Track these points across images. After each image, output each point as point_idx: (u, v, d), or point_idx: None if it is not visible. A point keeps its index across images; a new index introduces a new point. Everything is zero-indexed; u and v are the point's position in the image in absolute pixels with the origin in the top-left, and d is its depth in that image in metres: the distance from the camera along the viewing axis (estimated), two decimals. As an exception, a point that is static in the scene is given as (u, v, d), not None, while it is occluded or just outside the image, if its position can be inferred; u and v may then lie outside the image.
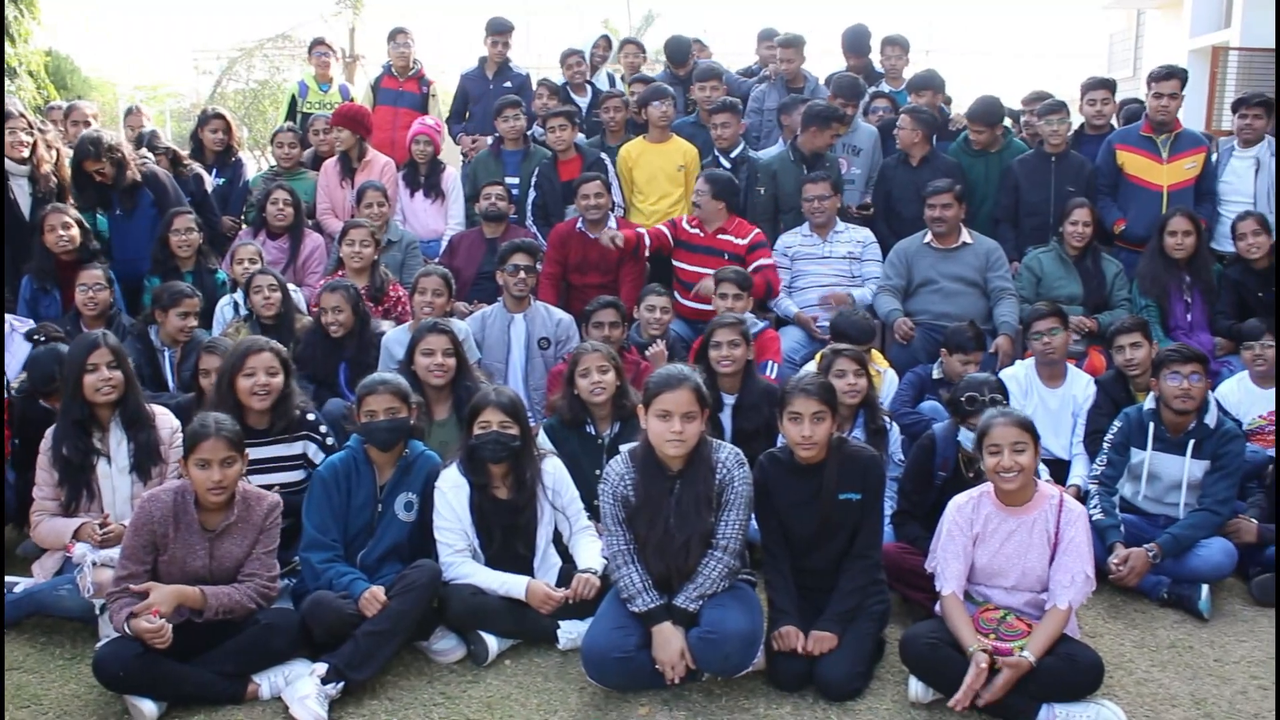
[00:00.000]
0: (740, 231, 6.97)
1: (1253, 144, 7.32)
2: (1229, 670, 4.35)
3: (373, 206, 7.34)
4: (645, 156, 7.88)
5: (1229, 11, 16.28)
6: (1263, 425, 5.97)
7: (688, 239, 7.06)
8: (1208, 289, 6.78)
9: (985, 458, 4.08)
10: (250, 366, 4.76)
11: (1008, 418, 4.10)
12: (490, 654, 4.32)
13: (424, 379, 5.26)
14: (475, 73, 9.26)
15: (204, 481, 4.02)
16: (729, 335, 5.42)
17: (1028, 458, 4.03)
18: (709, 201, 6.92)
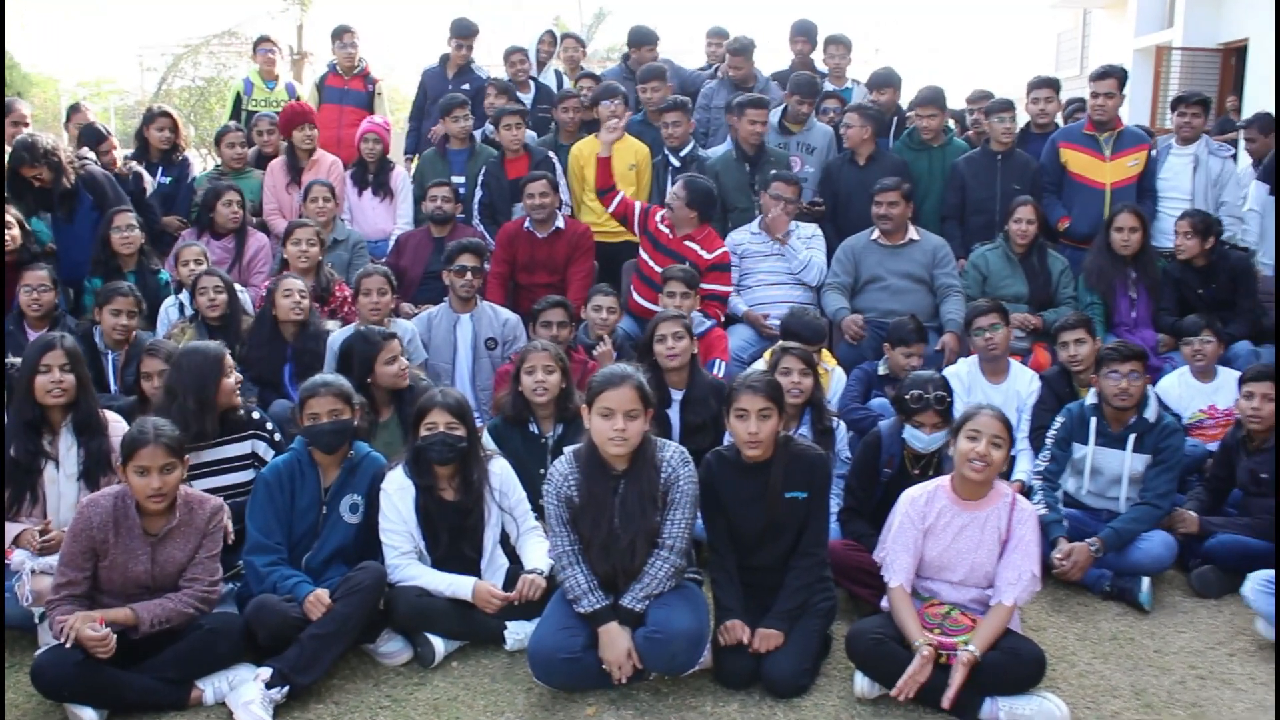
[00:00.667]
0: (708, 245, 6.89)
1: (1191, 142, 7.44)
2: (1168, 661, 4.42)
3: (318, 201, 7.30)
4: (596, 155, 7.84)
5: (1171, 12, 16.52)
6: (1203, 419, 6.08)
7: (655, 234, 7.01)
8: (1152, 285, 6.87)
9: (961, 440, 4.11)
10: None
11: (995, 412, 4.16)
12: (437, 656, 4.30)
13: (387, 385, 5.27)
14: (436, 71, 9.23)
15: (144, 489, 3.97)
16: (673, 328, 5.42)
17: (1000, 455, 4.08)
18: (682, 209, 6.87)
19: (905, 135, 8.00)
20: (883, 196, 6.90)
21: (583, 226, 7.42)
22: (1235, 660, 4.43)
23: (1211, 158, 7.40)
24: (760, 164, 7.50)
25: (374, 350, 5.27)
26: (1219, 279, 6.75)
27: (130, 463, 3.97)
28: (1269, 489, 5.13)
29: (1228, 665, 4.39)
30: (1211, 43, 15.56)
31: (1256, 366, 5.46)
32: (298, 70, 19.12)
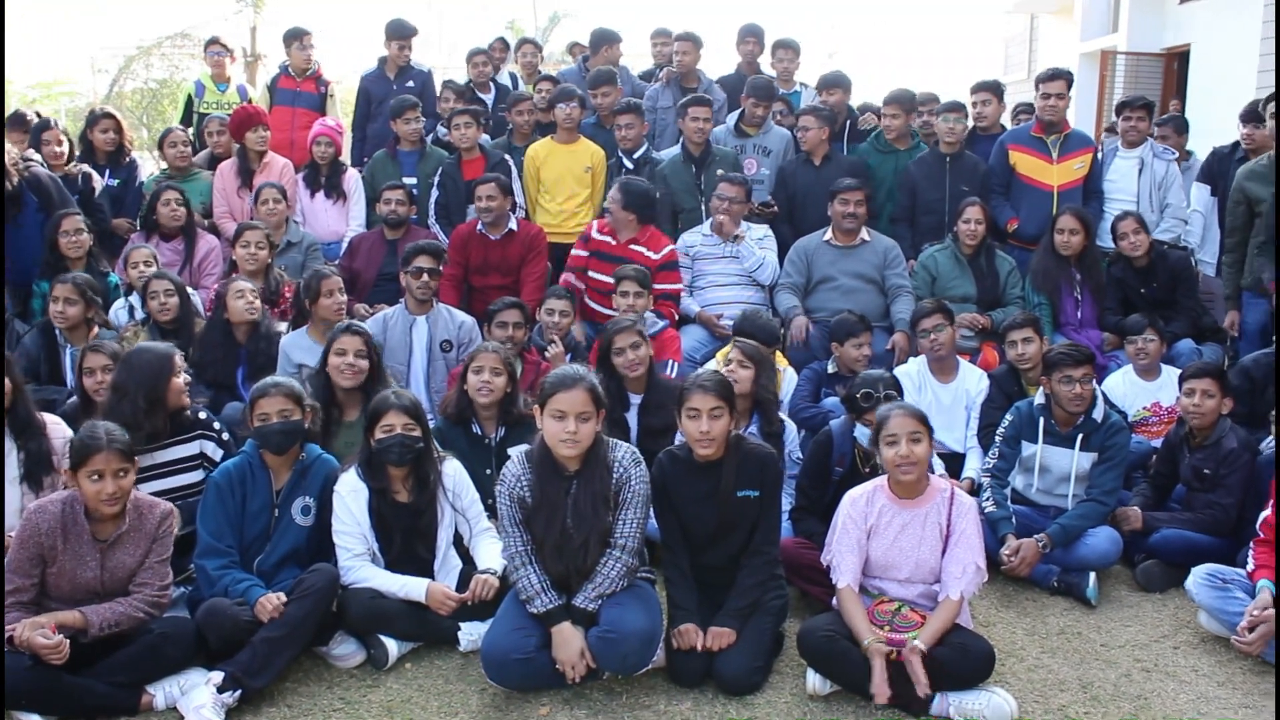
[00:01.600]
0: (654, 245, 6.94)
1: (1136, 145, 7.55)
2: (1114, 654, 4.49)
3: (269, 204, 7.27)
4: (553, 157, 7.88)
5: (1116, 17, 16.74)
6: (1147, 417, 6.19)
7: (599, 246, 7.02)
8: (1097, 286, 6.97)
9: (883, 449, 4.15)
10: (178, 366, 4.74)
11: (903, 409, 4.20)
12: (390, 657, 4.29)
13: (335, 379, 5.22)
14: (376, 74, 9.15)
15: (98, 494, 3.94)
16: (629, 339, 5.43)
17: (923, 448, 4.12)
18: (619, 212, 6.90)
19: (873, 137, 8.08)
20: (849, 195, 6.95)
21: (535, 228, 7.43)
22: (1179, 653, 4.51)
23: (1156, 160, 7.52)
24: (706, 164, 7.54)
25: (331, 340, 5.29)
26: (1160, 279, 6.87)
27: (83, 468, 3.94)
28: (1211, 484, 5.23)
29: (1172, 658, 4.47)
30: (1155, 48, 15.78)
31: (1197, 364, 5.56)
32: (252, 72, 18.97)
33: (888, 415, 4.18)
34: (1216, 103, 7.70)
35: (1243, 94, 8.33)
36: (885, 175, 7.81)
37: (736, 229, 7.11)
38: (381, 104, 8.86)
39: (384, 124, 8.62)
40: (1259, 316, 6.60)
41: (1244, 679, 4.29)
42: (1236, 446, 5.22)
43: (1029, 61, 19.99)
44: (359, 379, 5.24)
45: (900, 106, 7.88)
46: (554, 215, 7.73)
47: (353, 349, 5.23)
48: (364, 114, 9.12)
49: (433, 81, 9.18)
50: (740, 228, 7.14)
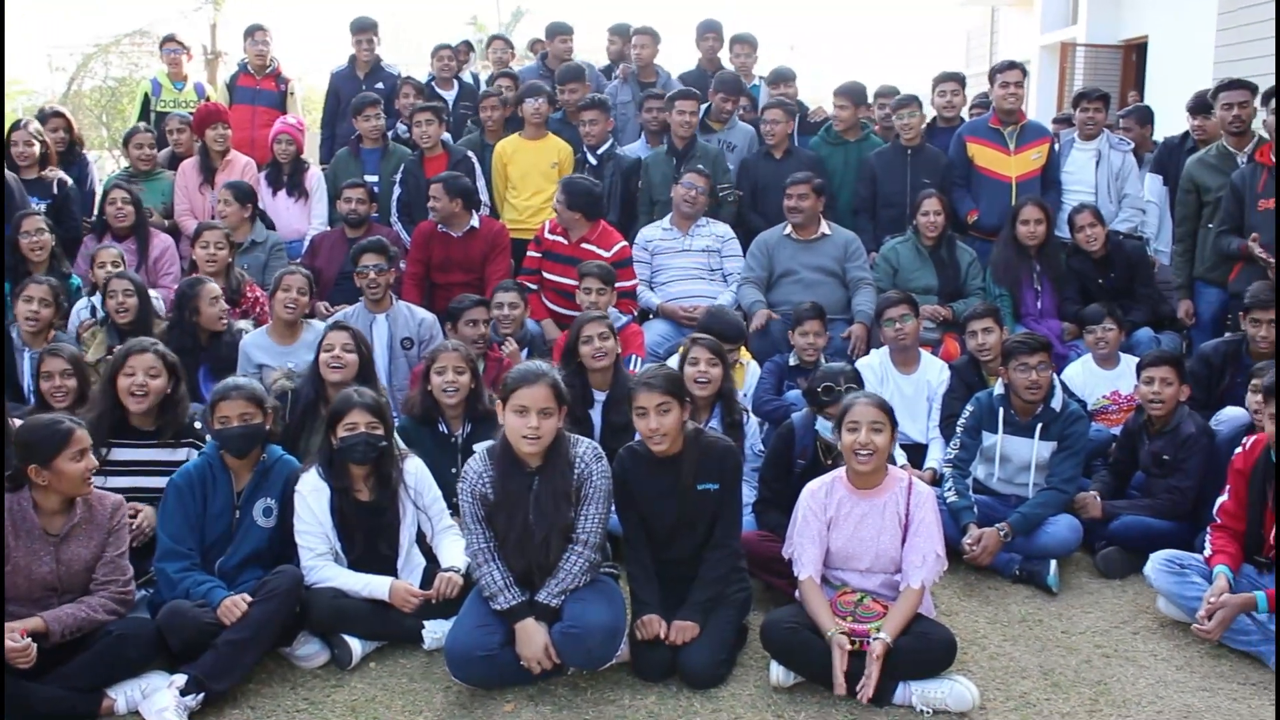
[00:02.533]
0: (604, 242, 6.95)
1: (1093, 137, 7.62)
2: (1075, 641, 4.54)
3: (220, 204, 7.26)
4: (520, 153, 7.88)
5: (1075, 9, 16.88)
6: (1107, 405, 6.24)
7: (551, 247, 7.03)
8: (1057, 277, 7.02)
9: (844, 435, 4.18)
10: (130, 366, 4.66)
11: (869, 398, 4.24)
12: (354, 657, 4.27)
13: (323, 375, 5.21)
14: (346, 72, 9.10)
15: (85, 473, 3.96)
16: (598, 329, 5.43)
17: (884, 439, 4.14)
18: (565, 212, 6.91)
19: (823, 130, 8.11)
20: (793, 190, 6.97)
21: (498, 225, 7.42)
22: (1139, 638, 4.57)
23: (1113, 152, 7.59)
24: (688, 159, 7.55)
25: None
26: (1117, 269, 6.93)
27: (65, 451, 3.91)
28: (1170, 470, 5.29)
29: (1131, 643, 4.52)
30: (1113, 39, 15.93)
31: (1154, 352, 5.63)
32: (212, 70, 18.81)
33: (853, 403, 4.21)
34: (1174, 93, 7.75)
35: (1199, 85, 8.38)
36: (835, 167, 7.84)
37: (694, 220, 7.15)
38: (349, 102, 8.81)
39: (348, 126, 8.58)
40: (1210, 305, 6.67)
41: (1201, 662, 4.35)
42: (1194, 432, 5.29)
43: (990, 53, 20.11)
44: (345, 374, 5.19)
45: (849, 99, 7.92)
46: (521, 211, 7.73)
47: (339, 344, 5.22)
48: (332, 112, 9.05)
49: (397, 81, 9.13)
50: (699, 221, 7.17)
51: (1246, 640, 4.33)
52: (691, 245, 7.18)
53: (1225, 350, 5.83)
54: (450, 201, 7.01)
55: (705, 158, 7.61)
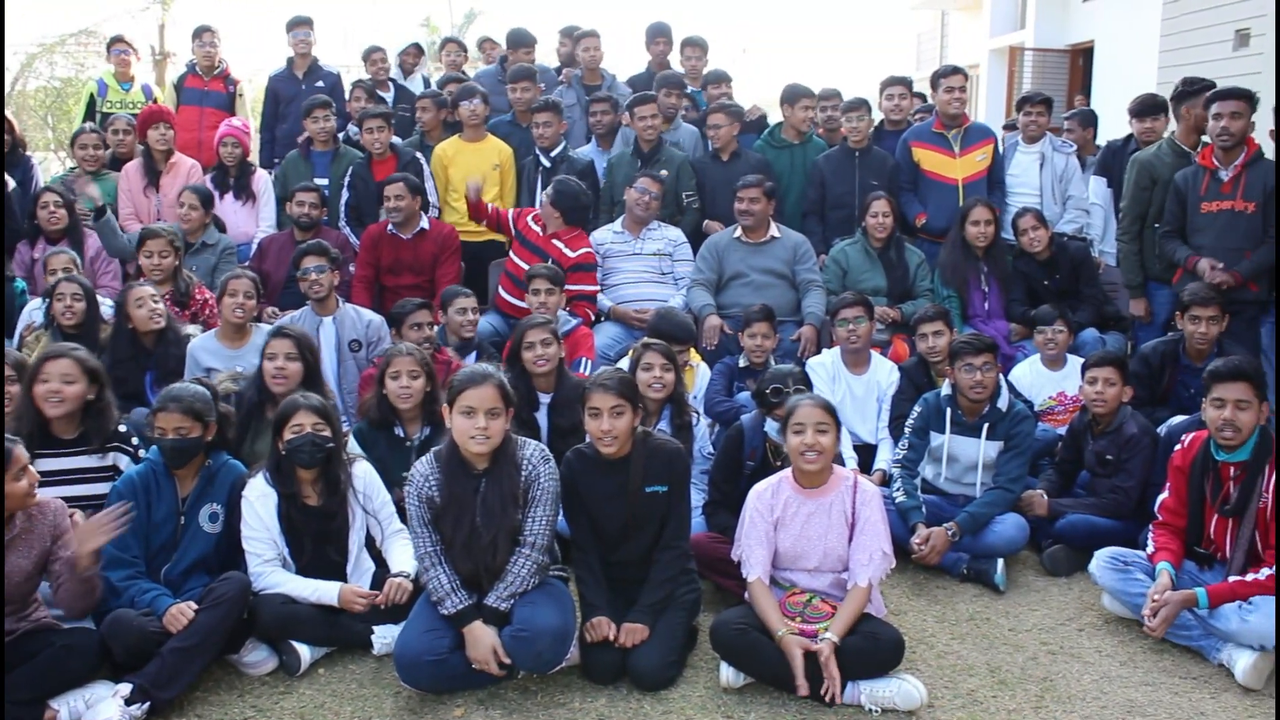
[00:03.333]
0: (573, 245, 6.99)
1: (1036, 140, 7.71)
2: (1021, 638, 4.59)
3: (184, 208, 7.17)
4: (460, 155, 7.86)
5: (1023, 14, 17.11)
6: (1053, 406, 6.32)
7: (524, 231, 7.08)
8: (1003, 278, 7.09)
9: (789, 437, 4.20)
10: (45, 373, 4.56)
11: (813, 400, 4.26)
12: (303, 663, 4.24)
13: (269, 386, 5.14)
14: (284, 73, 9.04)
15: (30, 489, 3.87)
16: (540, 335, 5.43)
17: (829, 439, 4.17)
18: (548, 208, 6.97)
19: (766, 134, 8.14)
20: (744, 193, 7.00)
21: (448, 228, 7.40)
22: (1084, 635, 4.63)
23: (1056, 154, 7.69)
24: (654, 162, 7.57)
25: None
26: (1062, 270, 7.01)
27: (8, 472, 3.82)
28: (1114, 469, 5.36)
29: (1077, 640, 4.58)
30: (1060, 44, 16.17)
31: (1098, 353, 5.71)
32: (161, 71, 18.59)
33: (797, 404, 4.24)
34: (1119, 97, 7.87)
35: (1143, 88, 8.53)
36: (781, 170, 7.87)
37: (648, 225, 7.16)
38: (290, 104, 8.75)
39: (294, 124, 8.52)
40: (1164, 306, 6.74)
41: (1145, 658, 4.41)
42: (1137, 432, 5.36)
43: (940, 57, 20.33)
44: (290, 384, 5.11)
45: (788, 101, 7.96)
46: (462, 214, 7.70)
47: (282, 353, 5.14)
48: (272, 114, 8.99)
49: (342, 83, 9.09)
50: (650, 225, 7.19)
51: (1188, 635, 4.40)
52: (643, 249, 7.20)
53: (1163, 350, 5.91)
54: (412, 199, 7.01)
55: (671, 163, 7.63)
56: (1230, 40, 10.63)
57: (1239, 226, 6.01)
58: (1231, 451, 4.46)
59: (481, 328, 6.77)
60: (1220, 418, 4.41)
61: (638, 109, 7.64)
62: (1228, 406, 4.39)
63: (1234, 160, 6.02)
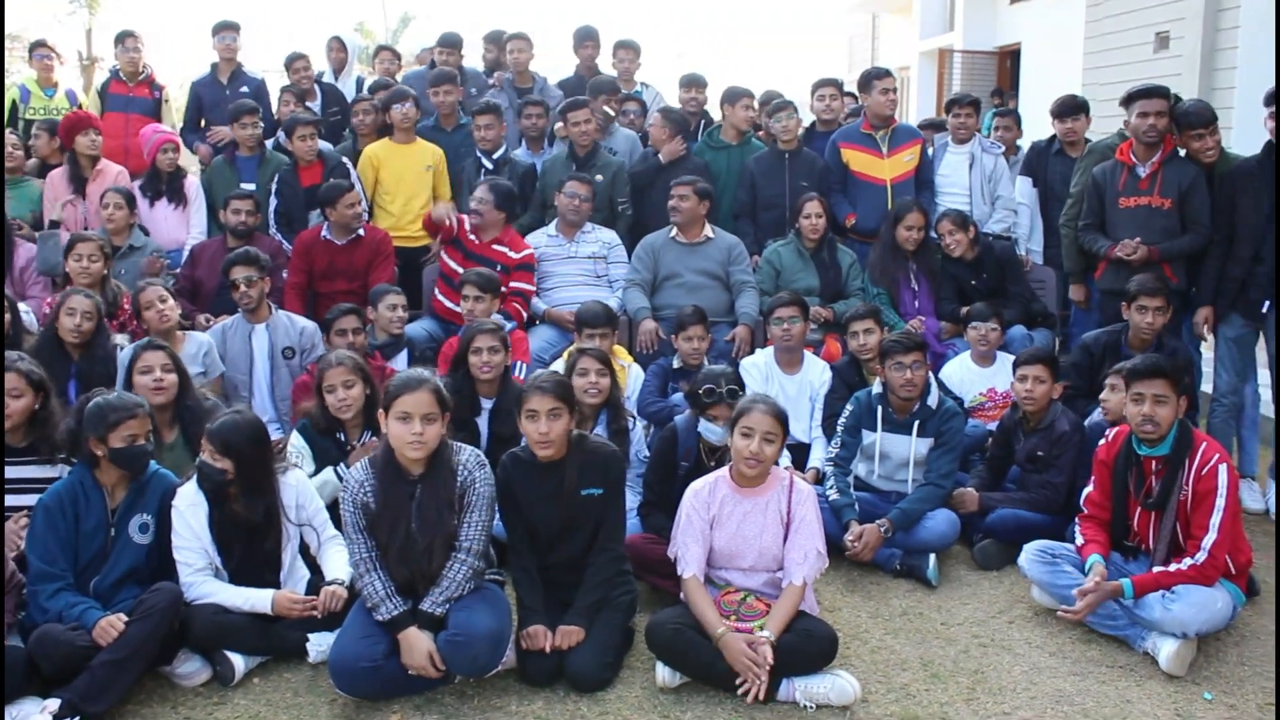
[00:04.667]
0: (515, 246, 7.03)
1: (965, 141, 7.83)
2: (953, 632, 4.66)
3: (110, 208, 7.07)
4: (391, 158, 7.81)
5: (952, 16, 17.34)
6: (984, 402, 6.42)
7: (464, 242, 7.05)
8: (933, 277, 7.18)
9: (736, 438, 4.22)
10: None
11: (768, 406, 4.25)
12: (237, 673, 4.19)
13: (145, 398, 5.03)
14: (208, 79, 8.89)
15: None
16: (489, 341, 5.43)
17: (774, 450, 4.20)
18: (491, 211, 6.96)
19: (705, 135, 8.18)
20: (676, 190, 7.05)
21: (381, 232, 7.36)
22: (1014, 627, 4.71)
23: (985, 155, 7.81)
24: (589, 167, 7.58)
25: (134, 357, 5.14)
26: (989, 269, 7.11)
27: None
28: (1044, 465, 5.46)
29: (1007, 632, 4.66)
30: (989, 46, 16.41)
31: (1028, 350, 5.80)
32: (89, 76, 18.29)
33: (750, 407, 4.23)
34: (1046, 98, 8.01)
35: (1069, 89, 8.69)
36: (719, 171, 7.90)
37: (580, 227, 7.19)
38: (215, 109, 8.64)
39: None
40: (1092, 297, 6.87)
41: (1073, 648, 4.49)
42: (1068, 429, 5.46)
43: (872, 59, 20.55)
44: (166, 395, 5.05)
45: (750, 97, 8.02)
46: (396, 217, 7.67)
47: (158, 365, 5.05)
48: (195, 120, 8.83)
49: (266, 88, 8.98)
50: (585, 228, 7.21)
51: (1114, 625, 4.50)
52: (578, 252, 7.21)
53: (1105, 340, 5.99)
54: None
55: (606, 169, 7.65)
56: (1150, 43, 10.85)
57: (1156, 222, 6.13)
58: (1153, 446, 4.56)
59: (416, 332, 6.77)
60: (1140, 413, 4.52)
61: (570, 114, 7.65)
62: (1146, 402, 4.50)
63: (1152, 157, 6.16)
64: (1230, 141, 7.52)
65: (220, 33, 8.80)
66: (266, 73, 9.70)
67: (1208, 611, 4.34)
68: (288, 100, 8.69)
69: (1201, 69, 10.02)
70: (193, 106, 8.88)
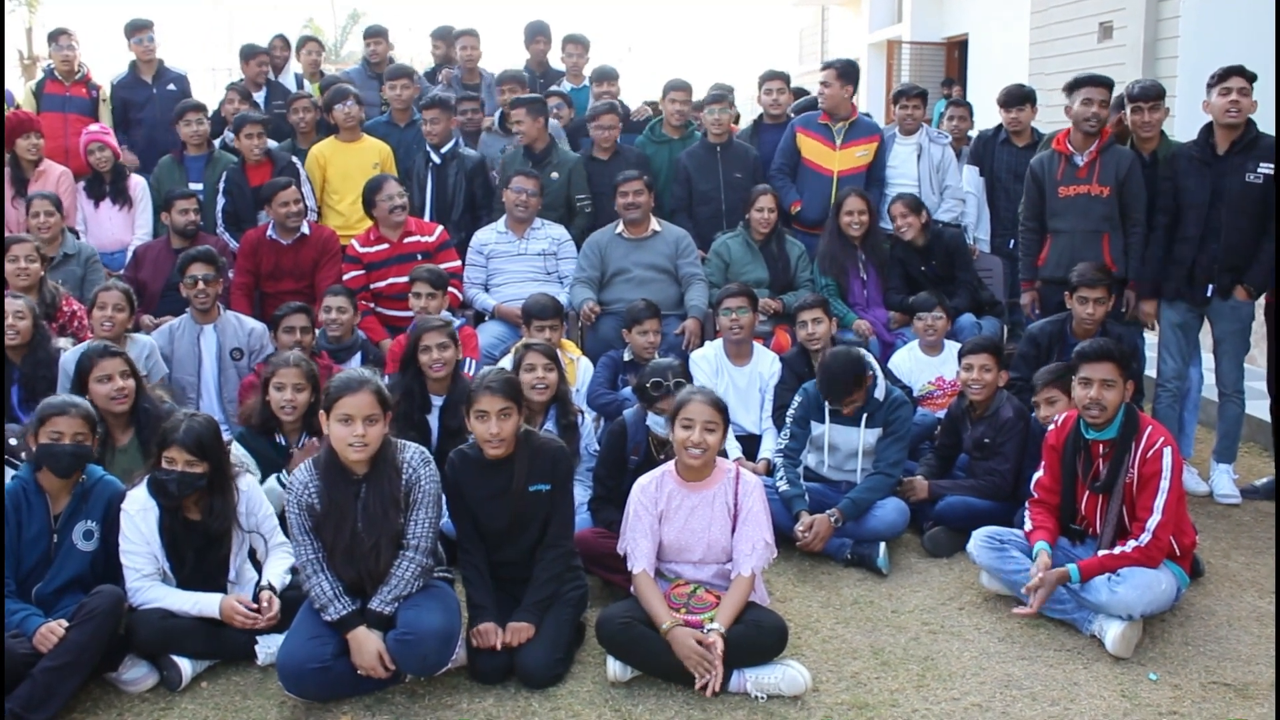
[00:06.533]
0: (424, 230, 7.02)
1: (913, 132, 7.86)
2: (904, 620, 4.69)
3: (40, 216, 6.92)
4: (337, 156, 7.74)
5: (900, 8, 17.45)
6: (932, 390, 6.47)
7: (374, 258, 6.93)
8: (881, 266, 7.22)
9: (677, 430, 4.22)
10: None
11: (705, 396, 4.27)
12: (185, 678, 4.15)
13: (104, 407, 4.92)
14: (129, 79, 8.63)
15: None
16: (438, 338, 5.39)
17: (716, 438, 4.21)
18: (403, 214, 6.96)
19: (647, 129, 8.17)
20: (627, 187, 7.02)
21: (328, 231, 7.30)
22: (964, 613, 4.75)
23: (933, 145, 7.84)
24: (544, 163, 7.55)
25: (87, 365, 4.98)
26: (937, 256, 7.16)
27: None
28: (991, 452, 5.51)
29: (957, 618, 4.70)
30: (936, 37, 16.55)
31: (974, 339, 5.85)
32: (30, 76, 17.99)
33: (689, 399, 4.25)
34: (994, 88, 8.08)
35: (1016, 79, 8.77)
36: (661, 165, 7.89)
37: (529, 223, 7.16)
38: (145, 109, 8.47)
39: (152, 130, 8.30)
40: None
41: (1022, 633, 4.54)
42: (1012, 416, 5.51)
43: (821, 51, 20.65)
44: (127, 402, 4.99)
45: (687, 91, 8.00)
46: (345, 216, 7.60)
47: (116, 371, 4.97)
48: (121, 122, 8.55)
49: (188, 82, 8.83)
50: (534, 224, 7.18)
51: (1062, 610, 4.55)
52: (527, 248, 7.18)
53: (1051, 330, 6.04)
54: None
55: (563, 165, 7.62)
56: (1095, 33, 10.99)
57: (1094, 210, 6.19)
58: (1100, 430, 4.61)
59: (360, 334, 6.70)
60: (1087, 396, 4.57)
61: (513, 113, 7.61)
62: (1094, 385, 4.55)
63: (1089, 146, 6.22)
64: (1174, 129, 7.63)
65: (136, 34, 8.56)
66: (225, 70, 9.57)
67: (1152, 593, 4.40)
68: (232, 99, 8.58)
69: (1144, 58, 10.16)
70: (119, 109, 8.60)
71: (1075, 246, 6.20)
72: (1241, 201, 5.83)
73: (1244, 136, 5.83)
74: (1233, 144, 5.84)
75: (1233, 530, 5.66)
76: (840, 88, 7.61)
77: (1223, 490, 6.06)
